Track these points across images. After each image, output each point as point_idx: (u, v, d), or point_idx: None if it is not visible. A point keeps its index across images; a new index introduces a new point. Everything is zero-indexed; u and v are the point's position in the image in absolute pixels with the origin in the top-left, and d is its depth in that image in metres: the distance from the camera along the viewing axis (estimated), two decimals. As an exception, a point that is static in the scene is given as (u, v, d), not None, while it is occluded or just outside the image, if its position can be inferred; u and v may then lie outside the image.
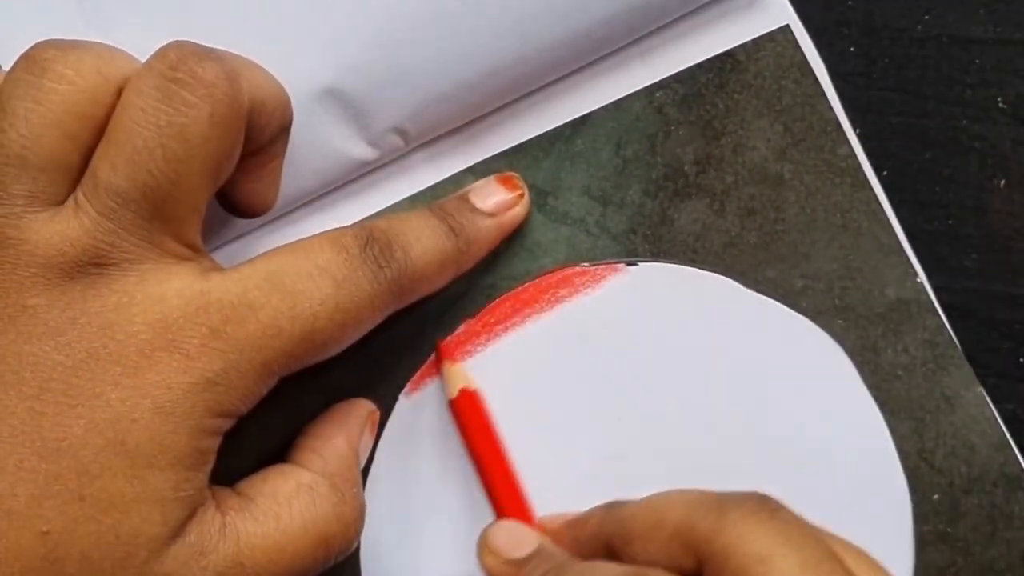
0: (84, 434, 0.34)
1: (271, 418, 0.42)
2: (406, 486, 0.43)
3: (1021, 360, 0.43)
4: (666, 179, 0.43)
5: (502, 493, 0.42)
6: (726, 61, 0.43)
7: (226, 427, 0.36)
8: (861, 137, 0.44)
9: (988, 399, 0.42)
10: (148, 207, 0.34)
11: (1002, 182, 0.44)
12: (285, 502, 0.38)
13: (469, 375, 0.43)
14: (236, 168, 0.37)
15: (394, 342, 0.43)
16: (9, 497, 0.33)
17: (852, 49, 0.44)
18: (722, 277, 0.43)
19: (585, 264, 0.43)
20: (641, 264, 0.43)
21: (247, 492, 0.38)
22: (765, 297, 0.43)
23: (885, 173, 0.44)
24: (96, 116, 0.34)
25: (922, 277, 0.43)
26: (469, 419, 0.42)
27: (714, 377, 0.43)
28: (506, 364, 0.43)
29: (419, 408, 0.43)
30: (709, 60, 0.43)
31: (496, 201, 0.43)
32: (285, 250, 0.37)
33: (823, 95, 0.43)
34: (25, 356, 0.34)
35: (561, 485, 0.43)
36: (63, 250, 0.34)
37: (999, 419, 0.42)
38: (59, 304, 0.34)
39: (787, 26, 0.43)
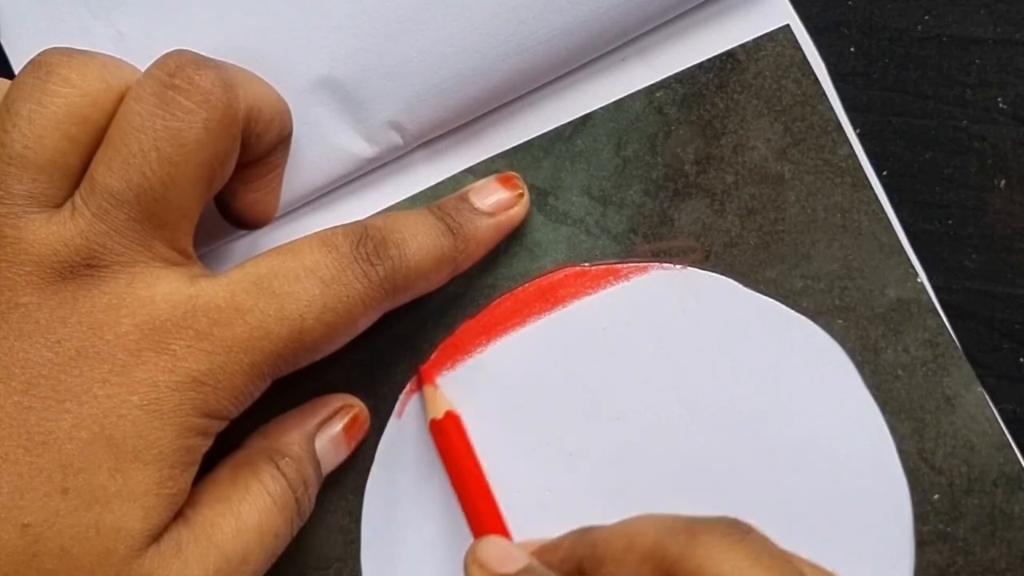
0: (70, 428, 0.34)
1: (268, 420, 0.43)
2: (394, 508, 0.43)
3: (1021, 360, 0.43)
4: (666, 179, 0.43)
5: (482, 516, 0.42)
6: (726, 61, 0.43)
7: (215, 429, 0.37)
8: (861, 137, 0.44)
9: (988, 399, 0.42)
10: (141, 209, 0.35)
11: (1002, 182, 0.44)
12: (229, 481, 0.38)
13: (447, 398, 0.43)
14: (236, 178, 0.38)
15: (394, 342, 0.43)
16: None
17: (852, 49, 0.44)
18: (722, 277, 0.43)
19: (585, 264, 0.43)
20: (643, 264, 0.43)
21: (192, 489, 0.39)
22: (765, 297, 0.43)
23: (885, 173, 0.44)
24: (97, 121, 0.35)
25: (922, 277, 0.43)
26: (447, 442, 0.43)
27: (714, 378, 0.43)
28: (503, 366, 0.43)
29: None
30: (709, 60, 0.43)
31: (495, 200, 0.43)
32: (274, 252, 0.37)
33: (823, 95, 0.43)
34: (16, 352, 0.34)
35: (562, 488, 0.43)
36: (57, 250, 0.34)
37: (999, 419, 0.42)
38: (50, 303, 0.35)
39: (787, 26, 0.43)
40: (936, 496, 0.42)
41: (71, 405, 0.34)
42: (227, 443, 0.40)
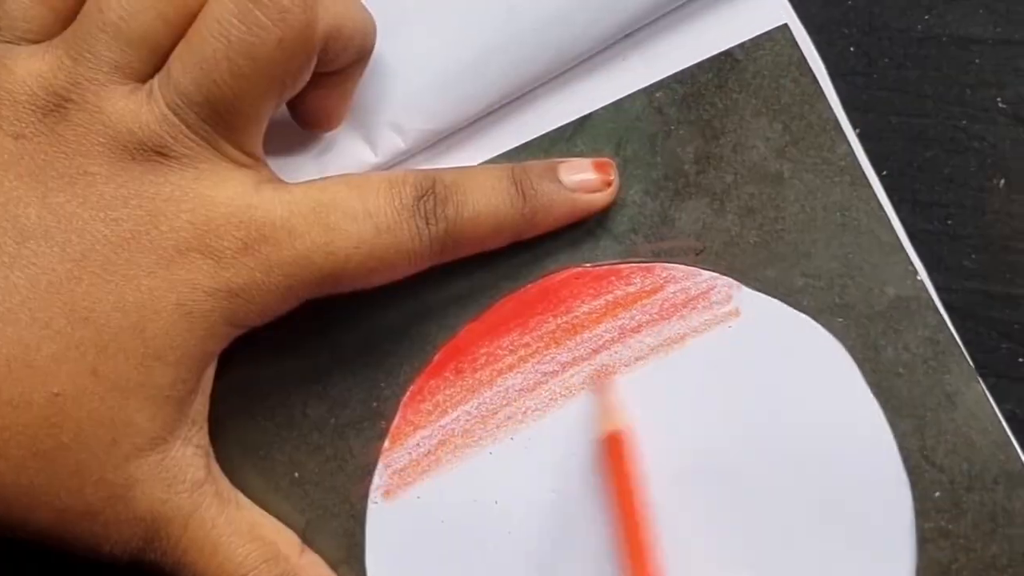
0: (110, 311, 0.35)
1: (270, 421, 0.43)
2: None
3: (1020, 360, 0.43)
4: (666, 179, 0.43)
5: (639, 550, 0.41)
6: (725, 60, 0.44)
7: (235, 335, 0.38)
8: (861, 137, 0.44)
9: (989, 396, 0.42)
10: (210, 112, 0.36)
11: (1001, 182, 0.44)
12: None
13: (623, 413, 0.42)
14: (309, 82, 0.38)
15: (397, 344, 0.43)
16: (34, 350, 0.35)
17: (852, 49, 0.44)
18: (723, 277, 0.43)
19: (587, 264, 0.43)
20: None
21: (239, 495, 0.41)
22: (765, 295, 0.43)
23: (885, 173, 0.44)
24: (190, 7, 0.36)
25: (922, 275, 0.43)
26: (612, 463, 0.42)
27: (714, 376, 0.43)
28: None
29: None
30: (708, 60, 0.44)
31: (580, 179, 0.42)
32: (342, 182, 0.38)
33: (822, 94, 0.43)
34: (75, 219, 0.35)
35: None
36: (132, 130, 0.35)
37: (1000, 416, 0.42)
38: (117, 179, 0.36)
39: (785, 25, 0.43)
40: (937, 493, 0.42)
41: (115, 287, 0.35)
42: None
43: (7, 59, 0.36)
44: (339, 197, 0.37)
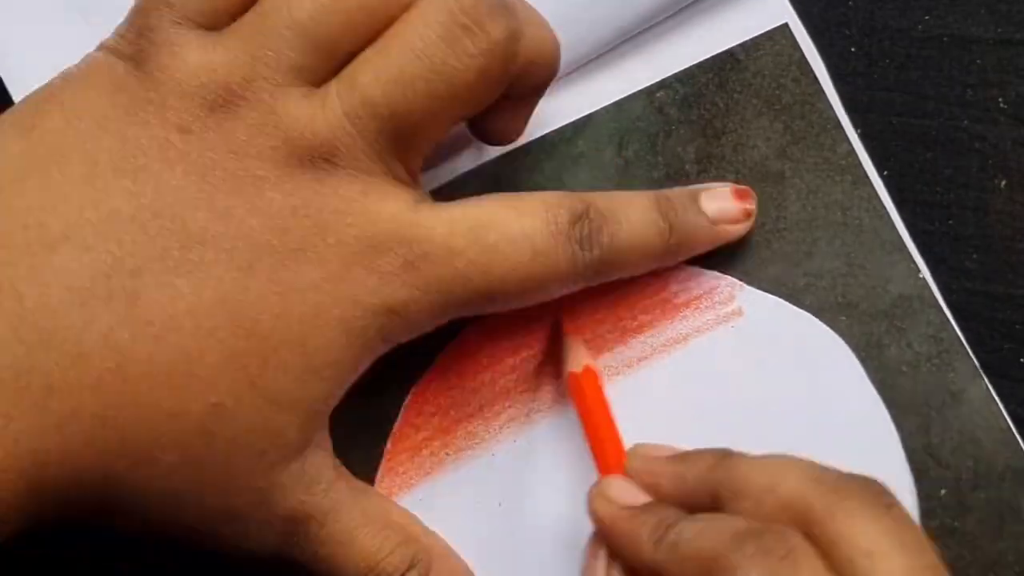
0: (274, 322, 0.34)
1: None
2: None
3: (1022, 361, 0.43)
4: (668, 178, 0.43)
5: (612, 466, 0.40)
6: (726, 60, 0.44)
7: (384, 351, 0.37)
8: (862, 137, 0.44)
9: (993, 393, 0.42)
10: (392, 126, 0.35)
11: (1003, 183, 0.44)
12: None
13: (588, 352, 0.42)
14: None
15: (399, 345, 0.43)
16: (196, 360, 0.34)
17: (853, 49, 0.44)
18: (726, 276, 0.43)
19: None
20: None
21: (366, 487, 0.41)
22: (768, 294, 0.43)
23: (886, 173, 0.44)
24: (381, 18, 0.35)
25: (925, 273, 0.43)
26: (583, 395, 0.41)
27: (717, 376, 0.43)
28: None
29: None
30: (709, 59, 0.44)
31: (720, 208, 0.42)
32: (498, 202, 0.38)
33: (822, 93, 0.43)
34: (244, 226, 0.34)
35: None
36: (304, 135, 0.34)
37: (1004, 412, 0.42)
38: (285, 186, 0.35)
39: (786, 25, 0.44)
40: (943, 491, 0.42)
41: (280, 300, 0.34)
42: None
43: (177, 46, 0.34)
44: (497, 217, 0.37)
